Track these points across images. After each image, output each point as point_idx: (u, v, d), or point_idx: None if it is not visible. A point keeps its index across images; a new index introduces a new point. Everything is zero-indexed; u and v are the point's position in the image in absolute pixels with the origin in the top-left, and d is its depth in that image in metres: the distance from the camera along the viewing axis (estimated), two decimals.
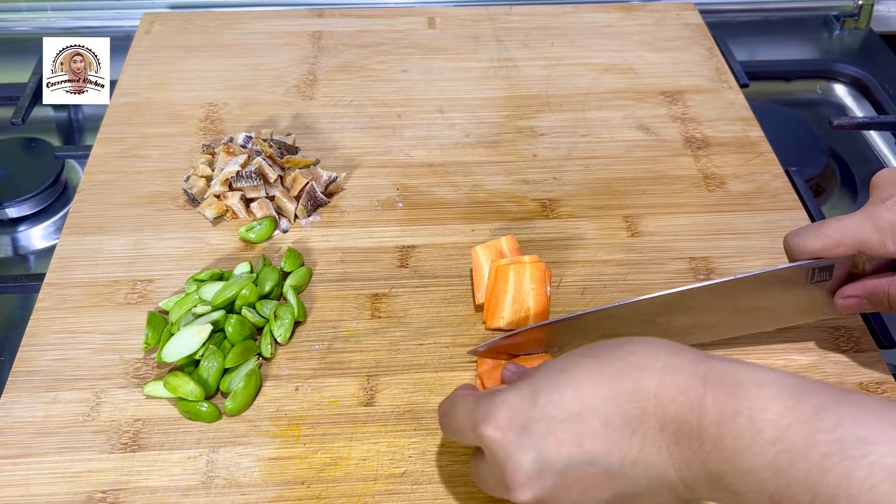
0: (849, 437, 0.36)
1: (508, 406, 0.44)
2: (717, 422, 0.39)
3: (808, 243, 0.53)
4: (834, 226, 0.52)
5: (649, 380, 0.41)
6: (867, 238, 0.51)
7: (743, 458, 0.38)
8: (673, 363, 0.42)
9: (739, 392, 0.39)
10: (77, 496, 0.53)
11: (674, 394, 0.40)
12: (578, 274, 0.67)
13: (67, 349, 0.61)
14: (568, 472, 0.42)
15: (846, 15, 1.04)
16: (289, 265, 0.66)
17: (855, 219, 0.51)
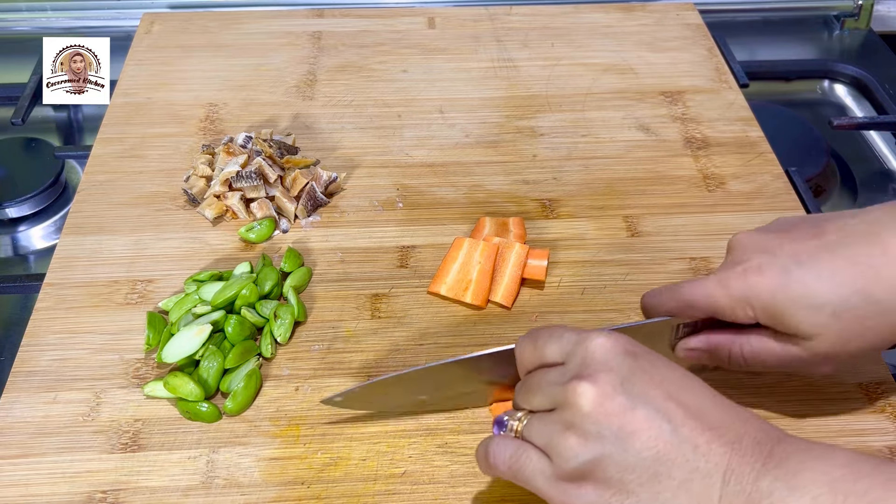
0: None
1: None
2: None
3: (664, 304, 0.53)
4: (687, 289, 0.51)
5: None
6: (719, 305, 0.49)
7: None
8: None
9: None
10: (77, 496, 0.53)
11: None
12: (578, 274, 0.67)
13: (67, 349, 0.61)
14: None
15: (846, 15, 1.04)
16: (289, 265, 0.66)
17: (709, 284, 0.50)
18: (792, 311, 0.47)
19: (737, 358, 0.52)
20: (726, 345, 0.52)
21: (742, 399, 0.58)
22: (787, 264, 0.47)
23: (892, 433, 0.57)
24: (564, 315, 0.64)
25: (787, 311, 0.47)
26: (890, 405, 0.58)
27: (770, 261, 0.48)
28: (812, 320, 0.47)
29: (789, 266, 0.47)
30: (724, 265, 0.51)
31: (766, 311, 0.48)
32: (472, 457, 0.55)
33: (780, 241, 0.49)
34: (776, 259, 0.48)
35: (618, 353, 0.44)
